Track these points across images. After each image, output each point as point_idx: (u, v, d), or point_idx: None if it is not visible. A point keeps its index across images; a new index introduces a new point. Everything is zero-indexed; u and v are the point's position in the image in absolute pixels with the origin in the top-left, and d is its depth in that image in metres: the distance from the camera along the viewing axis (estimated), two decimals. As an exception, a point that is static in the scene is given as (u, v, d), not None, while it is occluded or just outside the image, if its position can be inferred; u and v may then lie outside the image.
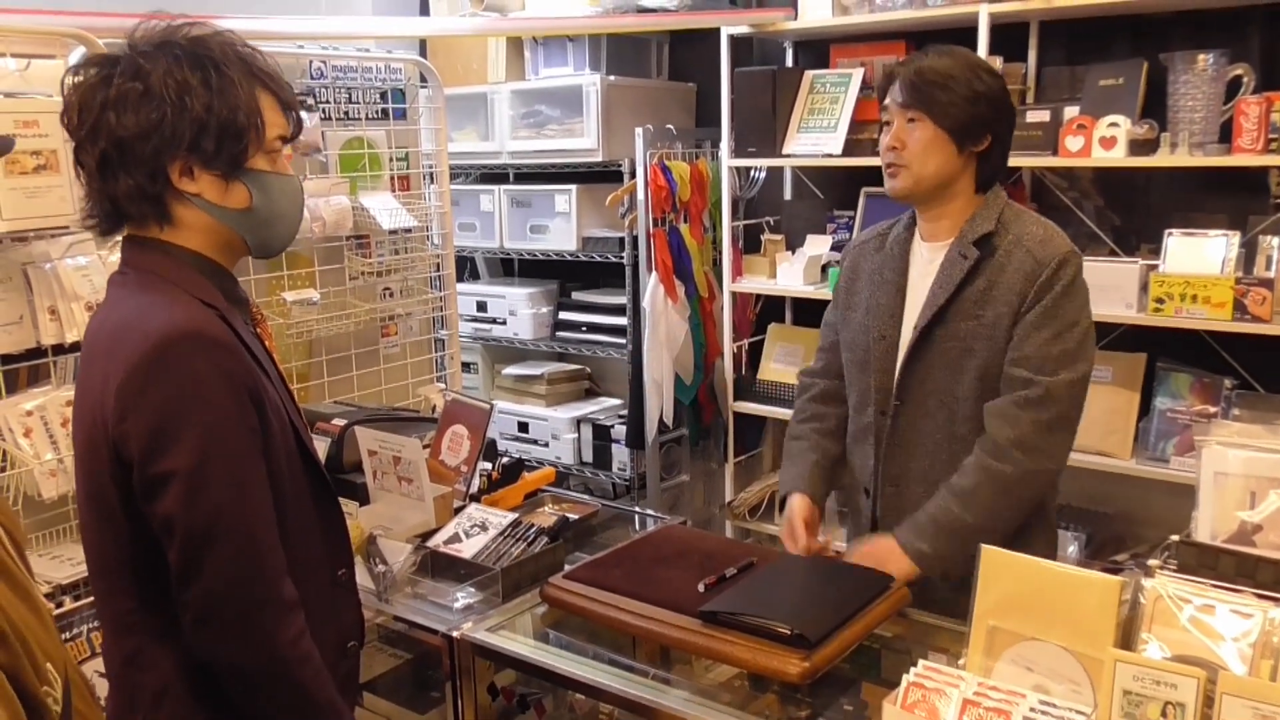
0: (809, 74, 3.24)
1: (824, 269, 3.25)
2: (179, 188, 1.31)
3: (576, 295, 3.89)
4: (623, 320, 3.60)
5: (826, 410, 2.06)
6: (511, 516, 1.97)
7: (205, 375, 1.26)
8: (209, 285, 1.35)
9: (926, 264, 1.88)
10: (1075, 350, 1.75)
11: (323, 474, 1.47)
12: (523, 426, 3.80)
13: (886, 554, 1.77)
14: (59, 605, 1.85)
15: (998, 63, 2.89)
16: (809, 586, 1.70)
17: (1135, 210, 2.94)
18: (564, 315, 3.85)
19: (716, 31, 3.28)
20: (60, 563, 1.98)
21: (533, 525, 1.95)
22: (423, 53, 3.72)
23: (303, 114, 2.53)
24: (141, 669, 1.33)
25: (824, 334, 2.11)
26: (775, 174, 3.59)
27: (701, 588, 1.64)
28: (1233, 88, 2.56)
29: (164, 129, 1.27)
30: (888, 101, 1.85)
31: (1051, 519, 1.93)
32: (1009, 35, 2.92)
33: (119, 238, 1.40)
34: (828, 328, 2.10)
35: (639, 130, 3.32)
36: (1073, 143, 2.67)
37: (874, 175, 3.27)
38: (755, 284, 3.37)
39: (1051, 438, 1.75)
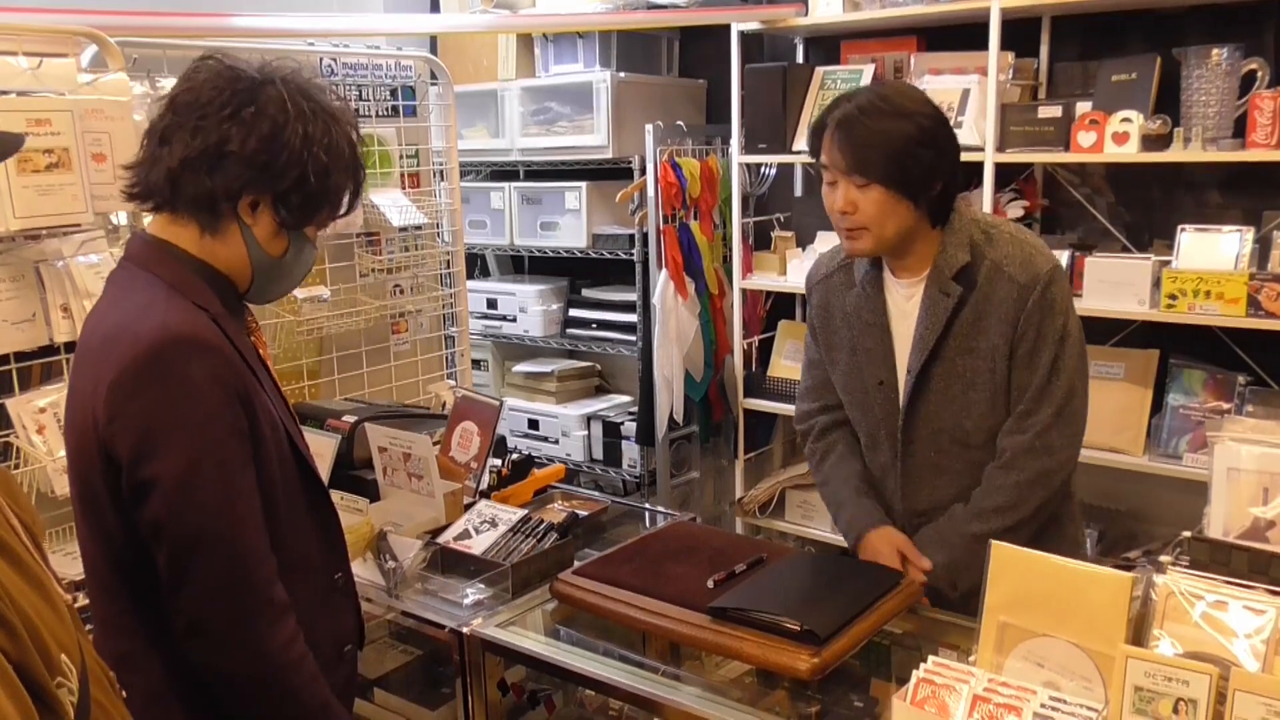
0: (820, 70, 3.23)
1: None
2: (240, 212, 1.34)
3: (586, 292, 3.89)
4: (633, 317, 3.60)
5: (835, 439, 2.00)
6: (521, 513, 1.98)
7: (196, 379, 1.26)
8: (206, 289, 1.36)
9: (905, 301, 1.82)
10: (1074, 364, 1.74)
11: (318, 479, 1.48)
12: (533, 423, 3.81)
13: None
14: (72, 601, 1.86)
15: (1010, 58, 2.88)
16: (818, 582, 1.69)
17: (1148, 206, 2.92)
18: (574, 312, 3.85)
19: (727, 28, 3.27)
20: (73, 559, 1.98)
21: (542, 521, 1.95)
22: (433, 50, 3.73)
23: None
24: (132, 670, 1.33)
25: (810, 373, 2.03)
26: (786, 171, 3.58)
27: (711, 584, 1.64)
28: (1247, 82, 2.54)
29: (271, 168, 1.31)
30: (826, 160, 1.76)
31: (1070, 530, 1.90)
32: (1021, 30, 2.91)
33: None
34: (814, 366, 2.01)
35: (649, 127, 3.32)
36: (1085, 138, 2.65)
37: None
38: (765, 281, 3.37)
39: (1061, 438, 1.76)
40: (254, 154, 1.30)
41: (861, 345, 1.87)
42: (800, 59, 3.50)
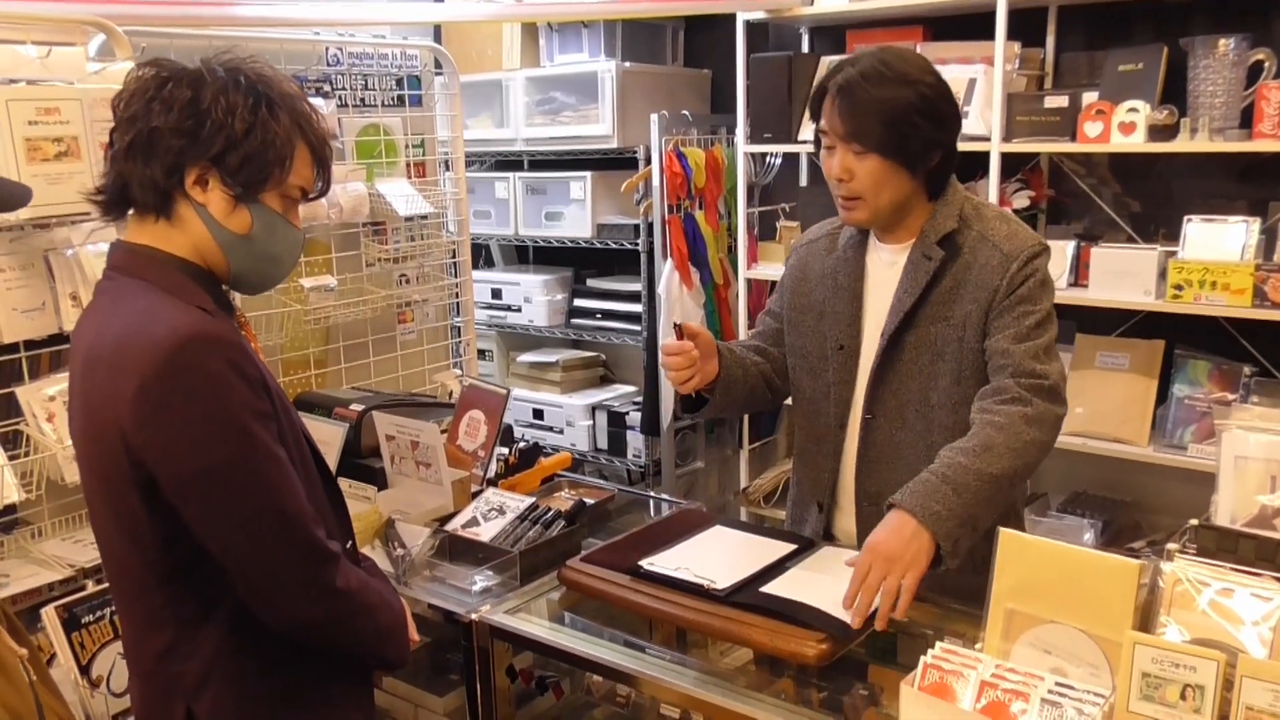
0: (825, 60, 3.23)
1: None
2: (189, 192, 1.34)
3: (591, 282, 3.89)
4: (638, 307, 3.60)
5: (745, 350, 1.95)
6: (529, 500, 1.98)
7: (217, 372, 1.28)
8: (197, 289, 1.37)
9: (886, 266, 1.79)
10: (1053, 340, 1.70)
11: (321, 457, 1.52)
12: (538, 413, 3.81)
13: (906, 533, 1.52)
14: (82, 588, 1.87)
15: (1016, 48, 2.88)
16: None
17: (1154, 196, 2.92)
18: (579, 302, 3.86)
19: (732, 17, 3.27)
20: (84, 546, 2.00)
21: (550, 509, 1.96)
22: (438, 39, 3.72)
23: (319, 100, 2.56)
24: (180, 660, 1.36)
25: (763, 320, 2.00)
26: (791, 160, 3.58)
27: (718, 571, 1.65)
28: (1254, 73, 2.54)
29: (198, 133, 1.31)
30: (825, 126, 1.72)
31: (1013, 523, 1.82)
32: (1027, 20, 2.91)
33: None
34: (769, 315, 1.99)
35: (654, 117, 3.32)
36: (1091, 128, 2.65)
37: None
38: (770, 271, 3.37)
39: (1051, 413, 1.67)
40: (178, 123, 1.30)
41: (830, 308, 1.84)
42: (805, 48, 3.50)
